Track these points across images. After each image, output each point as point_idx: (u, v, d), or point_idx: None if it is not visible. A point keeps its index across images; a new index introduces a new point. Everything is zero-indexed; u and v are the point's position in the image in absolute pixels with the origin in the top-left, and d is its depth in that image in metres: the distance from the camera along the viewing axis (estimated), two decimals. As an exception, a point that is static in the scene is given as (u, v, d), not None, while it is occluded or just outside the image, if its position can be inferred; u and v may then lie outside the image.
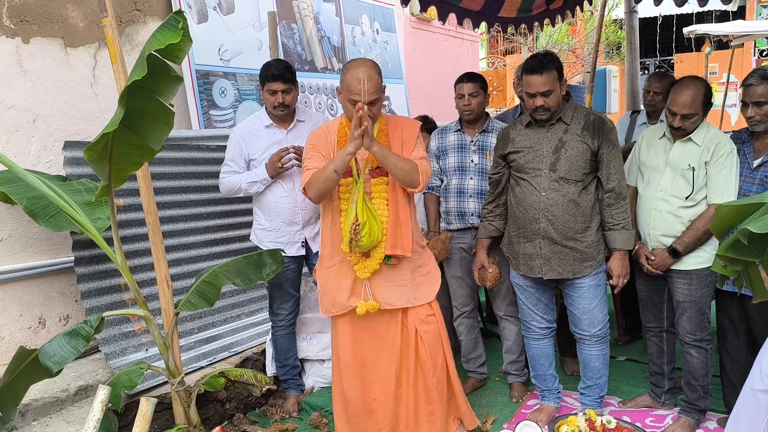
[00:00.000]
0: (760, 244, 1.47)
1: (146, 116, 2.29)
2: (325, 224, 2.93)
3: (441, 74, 8.04)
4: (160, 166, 3.63)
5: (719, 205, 1.53)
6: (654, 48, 15.06)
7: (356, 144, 2.66)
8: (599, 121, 2.97)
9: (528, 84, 2.92)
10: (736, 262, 1.56)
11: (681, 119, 2.88)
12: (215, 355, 3.59)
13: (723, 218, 1.54)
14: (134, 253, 3.43)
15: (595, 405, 3.23)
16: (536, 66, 2.87)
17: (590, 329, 3.09)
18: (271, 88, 3.27)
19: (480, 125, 3.48)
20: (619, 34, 13.19)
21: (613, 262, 3.01)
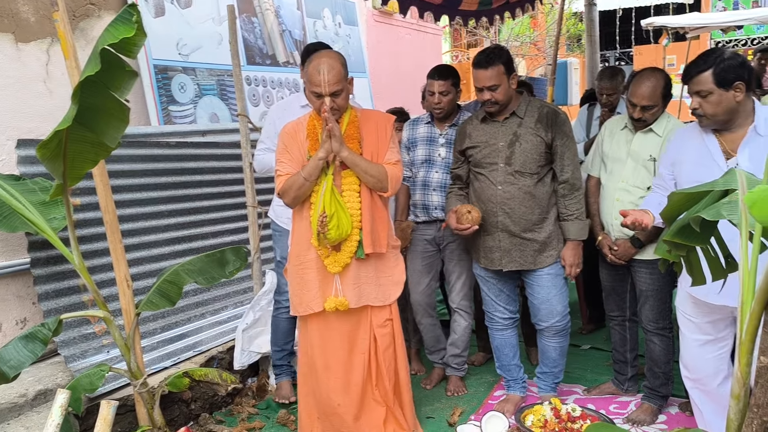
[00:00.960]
0: (707, 231, 1.51)
1: (101, 113, 2.23)
2: (294, 221, 2.90)
3: (404, 68, 8.05)
4: (118, 163, 3.55)
5: (672, 192, 1.56)
6: (614, 40, 15.31)
7: (326, 149, 2.66)
8: (552, 114, 3.01)
9: (476, 78, 2.97)
10: (680, 247, 1.59)
11: (641, 110, 2.93)
12: (179, 355, 3.53)
13: (674, 205, 1.57)
14: (93, 253, 3.35)
15: (549, 390, 3.31)
16: (483, 60, 2.91)
17: (549, 320, 3.14)
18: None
19: (451, 119, 3.47)
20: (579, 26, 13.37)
21: (566, 251, 3.06)
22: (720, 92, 2.35)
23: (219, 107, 4.73)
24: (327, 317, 2.87)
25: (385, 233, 2.88)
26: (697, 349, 2.58)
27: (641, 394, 3.28)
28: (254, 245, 3.83)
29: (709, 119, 2.42)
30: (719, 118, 2.40)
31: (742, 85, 2.35)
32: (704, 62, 2.39)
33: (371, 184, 2.77)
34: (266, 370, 3.80)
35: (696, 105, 2.42)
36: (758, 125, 2.38)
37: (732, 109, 2.38)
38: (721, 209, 1.37)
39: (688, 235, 1.48)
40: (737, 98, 2.36)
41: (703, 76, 2.37)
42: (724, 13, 11.70)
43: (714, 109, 2.38)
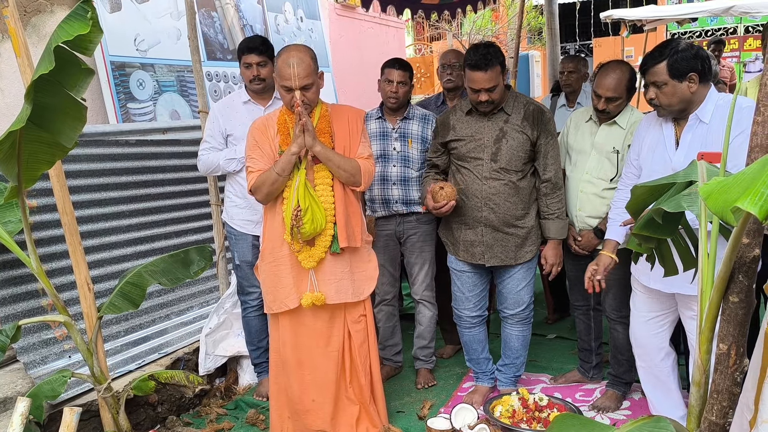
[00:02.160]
0: (672, 223, 1.54)
1: (56, 112, 2.16)
2: (266, 217, 2.86)
3: (368, 61, 8.02)
4: (76, 163, 3.46)
5: (635, 185, 1.59)
6: (574, 33, 15.52)
7: (299, 143, 2.64)
8: (538, 112, 3.01)
9: (472, 80, 2.91)
10: (649, 240, 1.61)
11: (605, 102, 2.98)
12: (144, 357, 3.46)
13: (638, 198, 1.59)
14: (51, 256, 3.26)
15: (510, 384, 3.33)
16: (480, 62, 2.84)
17: (515, 308, 3.18)
18: (246, 61, 3.26)
19: (401, 113, 3.47)
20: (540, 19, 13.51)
21: (547, 251, 3.09)
22: (674, 83, 2.42)
23: (179, 104, 4.65)
24: (300, 314, 2.85)
25: (359, 227, 2.87)
26: (643, 324, 2.77)
27: (606, 381, 3.34)
28: (219, 244, 3.78)
29: (664, 109, 2.50)
30: (674, 108, 2.48)
31: (695, 76, 2.42)
32: (660, 54, 2.45)
33: (344, 179, 2.75)
34: (234, 370, 3.76)
35: (652, 95, 2.49)
36: (701, 113, 2.46)
37: (686, 99, 2.45)
38: (681, 201, 1.40)
39: (655, 227, 1.51)
40: (691, 89, 2.43)
41: (659, 67, 2.44)
42: (679, 5, 11.97)
43: (669, 99, 2.46)
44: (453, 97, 3.82)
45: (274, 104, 3.34)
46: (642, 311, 2.76)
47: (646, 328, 2.76)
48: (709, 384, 1.37)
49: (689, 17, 8.93)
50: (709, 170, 1.43)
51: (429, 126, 3.46)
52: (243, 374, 3.74)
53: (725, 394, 1.31)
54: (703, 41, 12.32)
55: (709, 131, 2.44)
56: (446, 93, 3.84)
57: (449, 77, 3.76)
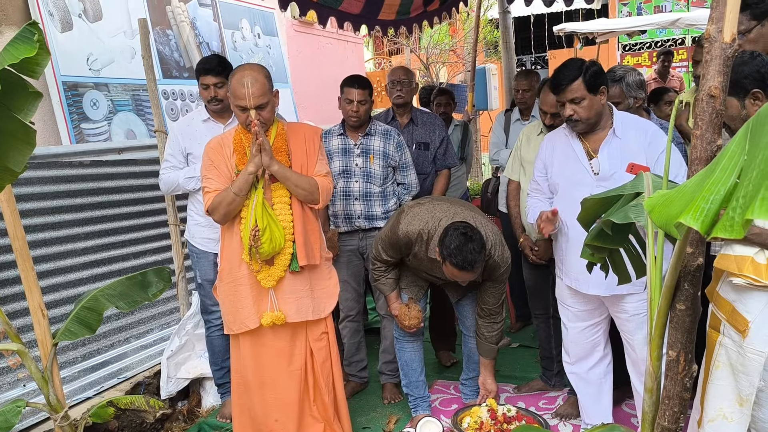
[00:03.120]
0: (622, 233, 1.58)
1: (4, 136, 2.11)
2: (224, 237, 2.84)
3: (327, 77, 8.05)
4: (28, 186, 3.37)
5: (585, 198, 1.63)
6: (529, 45, 15.83)
7: (256, 163, 2.63)
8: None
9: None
10: (601, 249, 1.65)
11: (551, 117, 3.07)
12: (103, 383, 3.39)
13: (588, 210, 1.63)
14: (2, 282, 3.17)
15: (474, 396, 3.34)
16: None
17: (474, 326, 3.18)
18: (203, 82, 3.26)
19: (363, 129, 3.49)
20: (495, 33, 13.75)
21: (486, 378, 3.18)
22: (591, 97, 2.56)
23: (135, 123, 4.59)
24: (261, 334, 2.82)
25: (318, 245, 2.87)
26: (576, 335, 2.86)
27: (567, 389, 3.39)
28: (178, 264, 3.73)
29: (583, 123, 2.61)
30: (591, 121, 2.61)
31: (605, 89, 2.59)
32: (572, 71, 2.57)
33: (302, 197, 2.75)
34: (197, 392, 3.70)
35: (570, 112, 2.59)
36: (616, 128, 2.62)
37: (600, 111, 2.60)
38: (629, 212, 1.44)
39: (605, 238, 1.55)
40: (602, 101, 2.59)
41: (575, 84, 2.55)
42: (629, 18, 12.33)
43: (587, 113, 2.58)
44: (402, 113, 3.86)
45: (233, 122, 3.32)
46: (575, 322, 2.84)
47: (581, 337, 2.85)
48: (660, 390, 1.40)
49: (639, 29, 9.22)
50: (654, 182, 1.47)
51: (391, 141, 3.49)
52: (206, 396, 3.69)
53: (676, 400, 1.35)
54: (652, 52, 12.71)
55: (625, 145, 2.59)
56: (395, 109, 3.88)
57: (399, 93, 3.79)
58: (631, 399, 3.23)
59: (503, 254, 2.89)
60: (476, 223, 2.82)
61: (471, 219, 2.85)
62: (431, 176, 3.85)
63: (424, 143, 3.80)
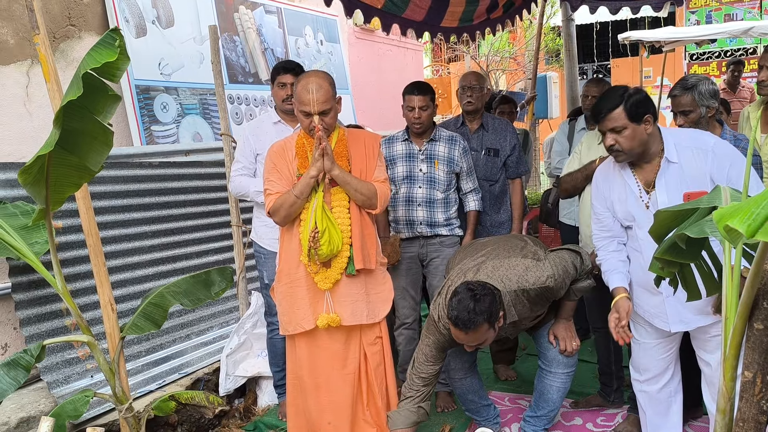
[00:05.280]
0: (695, 248, 1.53)
1: (84, 136, 2.22)
2: (283, 239, 2.90)
3: (386, 83, 8.10)
4: (101, 185, 3.52)
5: (658, 210, 1.59)
6: (591, 54, 15.53)
7: (318, 167, 2.68)
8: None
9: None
10: (672, 264, 1.61)
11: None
12: (165, 377, 3.49)
13: (661, 223, 1.59)
14: (75, 276, 3.31)
15: None
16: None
17: (564, 368, 2.99)
18: (281, 81, 3.35)
19: (428, 134, 3.50)
20: (558, 41, 13.55)
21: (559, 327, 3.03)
22: (633, 126, 2.42)
23: (202, 126, 4.73)
24: (316, 336, 2.86)
25: (374, 250, 2.89)
26: (649, 350, 2.72)
27: (627, 406, 3.30)
28: (239, 265, 3.81)
29: (625, 154, 2.47)
30: (635, 152, 2.47)
31: (650, 117, 2.44)
32: (612, 99, 2.45)
33: (361, 202, 2.78)
34: (253, 391, 3.77)
35: (612, 141, 2.46)
36: (668, 154, 2.46)
37: (644, 141, 2.45)
38: (704, 226, 1.40)
39: (678, 252, 1.51)
40: (647, 130, 2.44)
41: (616, 112, 2.43)
42: (697, 27, 11.93)
43: (630, 143, 2.44)
44: (472, 119, 3.82)
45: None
46: (646, 338, 2.71)
47: (653, 353, 2.71)
48: (734, 412, 1.35)
49: (708, 38, 8.91)
50: (732, 196, 1.42)
51: (456, 147, 3.48)
52: (262, 395, 3.75)
53: (751, 423, 1.30)
54: (721, 62, 12.27)
55: (683, 171, 2.44)
56: (465, 115, 3.84)
57: (469, 99, 3.74)
58: (695, 420, 3.12)
59: (564, 278, 2.74)
60: (499, 277, 2.67)
61: (493, 272, 2.71)
62: (500, 183, 3.80)
63: (493, 149, 3.76)
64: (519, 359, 4.19)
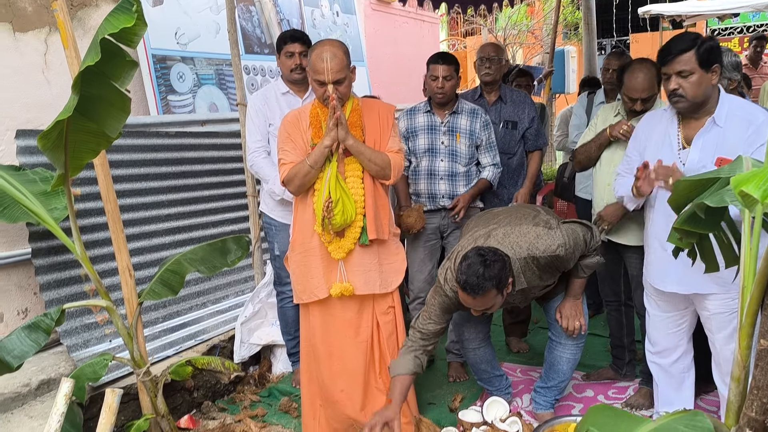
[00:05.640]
0: (715, 218, 1.52)
1: (102, 102, 2.23)
2: (297, 209, 2.91)
3: (402, 56, 8.03)
4: (118, 153, 3.55)
5: (678, 180, 1.57)
6: (610, 28, 15.26)
7: (332, 137, 2.67)
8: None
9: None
10: (691, 234, 1.60)
11: (642, 103, 2.95)
12: (181, 343, 3.55)
13: (680, 192, 1.58)
14: (94, 243, 3.35)
15: (548, 407, 3.10)
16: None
17: (574, 339, 2.97)
18: (289, 50, 3.31)
19: (450, 107, 3.46)
20: (577, 14, 13.33)
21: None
22: (701, 73, 2.35)
23: (218, 97, 4.73)
24: (330, 304, 2.89)
25: (387, 220, 2.90)
26: (659, 323, 2.74)
27: (639, 379, 3.31)
28: (255, 234, 3.84)
29: (688, 101, 2.40)
30: (698, 100, 2.40)
31: (718, 68, 2.37)
32: (685, 42, 2.38)
33: (374, 172, 2.78)
34: (268, 358, 3.82)
35: (675, 86, 2.39)
36: (717, 116, 2.40)
37: (708, 92, 2.39)
38: (724, 195, 1.38)
39: (697, 222, 1.49)
40: (713, 81, 2.38)
41: (686, 56, 2.36)
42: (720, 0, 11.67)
43: (695, 90, 2.37)
44: (490, 90, 3.78)
45: (310, 96, 3.37)
46: (657, 311, 2.73)
47: (663, 326, 2.73)
48: (748, 380, 1.35)
49: (731, 12, 8.72)
50: (754, 165, 1.41)
51: (477, 120, 3.45)
52: (276, 363, 3.80)
53: (765, 390, 1.30)
54: (743, 37, 12.01)
55: (724, 136, 2.38)
56: (483, 87, 3.80)
57: (487, 71, 3.69)
58: (706, 394, 3.13)
59: (575, 249, 2.71)
60: (510, 243, 2.65)
61: (504, 238, 2.69)
62: (518, 156, 3.77)
63: (512, 122, 3.72)
64: (531, 332, 4.20)
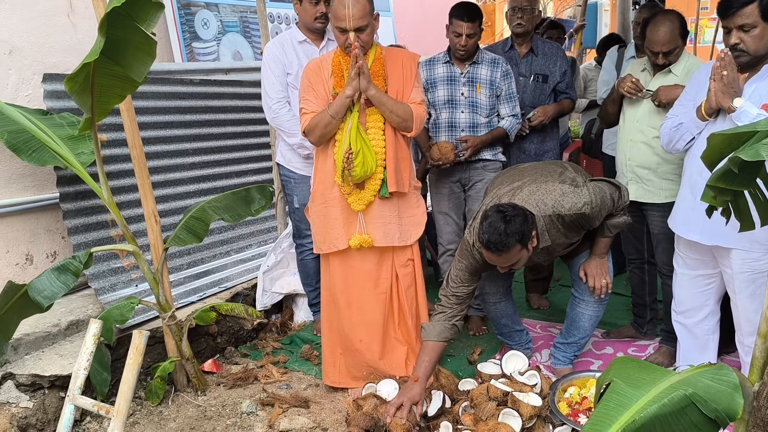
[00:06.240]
0: (750, 174, 1.47)
1: (128, 46, 2.21)
2: (318, 160, 2.90)
3: (430, 7, 7.84)
4: (143, 100, 3.54)
5: (711, 133, 1.52)
6: (646, -19, 14.74)
7: (354, 86, 2.64)
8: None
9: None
10: (725, 192, 1.55)
11: (664, 56, 2.88)
12: (205, 290, 3.60)
13: (714, 147, 1.52)
14: (119, 189, 3.38)
15: (567, 362, 3.11)
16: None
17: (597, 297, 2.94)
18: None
19: (471, 58, 3.39)
20: (612, -34, 12.86)
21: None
22: (764, 26, 2.28)
23: (242, 45, 4.68)
24: (349, 255, 2.90)
25: (408, 173, 2.89)
26: (686, 282, 2.73)
27: (659, 338, 3.30)
28: (278, 185, 3.85)
29: (749, 55, 2.33)
30: (761, 53, 2.33)
31: None
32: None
33: (396, 123, 2.75)
34: (289, 307, 3.88)
35: (736, 40, 2.32)
36: None
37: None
38: (760, 149, 1.34)
39: (731, 179, 1.44)
40: None
41: (749, 8, 2.28)
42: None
43: (757, 44, 2.30)
44: (522, 42, 3.66)
45: (327, 45, 3.32)
46: (684, 269, 2.72)
47: (690, 285, 2.71)
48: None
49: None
50: (793, 118, 1.36)
51: (498, 69, 3.37)
52: (298, 311, 3.86)
53: (793, 349, 1.28)
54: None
55: None
56: (515, 38, 3.68)
57: (519, 21, 3.55)
58: (727, 354, 3.12)
59: (601, 208, 2.66)
60: (535, 201, 2.62)
61: (529, 196, 2.64)
62: None
63: (542, 75, 3.62)
64: (552, 290, 4.20)
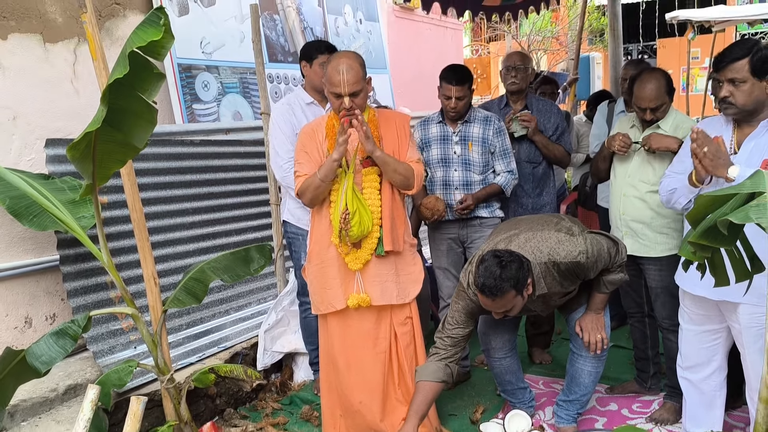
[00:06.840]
0: (733, 234, 1.51)
1: (129, 114, 2.27)
2: (314, 220, 2.93)
3: (425, 63, 8.04)
4: (144, 161, 3.60)
5: (700, 195, 1.55)
6: (637, 33, 15.12)
7: (341, 151, 2.67)
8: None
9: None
10: (705, 248, 1.59)
11: (651, 112, 2.94)
12: (204, 351, 3.58)
13: (701, 207, 1.56)
14: (120, 250, 3.40)
15: (571, 421, 3.06)
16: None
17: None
18: (322, 60, 3.24)
19: (462, 117, 3.46)
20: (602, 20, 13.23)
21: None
22: (753, 81, 2.34)
23: (242, 105, 4.78)
24: (347, 315, 2.90)
25: (403, 231, 2.92)
26: (692, 337, 2.68)
27: (664, 393, 3.26)
28: (278, 243, 3.86)
29: (737, 108, 2.39)
30: (748, 109, 2.38)
31: None
32: (740, 50, 2.36)
33: (399, 182, 2.79)
34: (290, 367, 3.84)
35: (726, 93, 2.38)
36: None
37: (761, 101, 2.37)
38: (749, 212, 1.37)
39: (714, 237, 1.48)
40: (766, 90, 2.35)
41: (739, 63, 2.34)
42: (750, 5, 11.50)
43: (745, 98, 2.36)
44: (516, 99, 3.76)
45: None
46: (690, 325, 2.67)
47: (695, 340, 2.66)
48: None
49: (761, 18, 8.57)
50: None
51: (491, 128, 3.44)
52: (298, 370, 3.82)
53: (793, 413, 1.27)
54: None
55: None
56: (509, 96, 3.79)
57: (513, 80, 3.66)
58: (734, 410, 3.07)
59: (597, 260, 2.68)
60: (531, 248, 2.63)
61: (525, 243, 2.66)
62: (543, 165, 3.75)
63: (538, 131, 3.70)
64: (554, 343, 4.16)
